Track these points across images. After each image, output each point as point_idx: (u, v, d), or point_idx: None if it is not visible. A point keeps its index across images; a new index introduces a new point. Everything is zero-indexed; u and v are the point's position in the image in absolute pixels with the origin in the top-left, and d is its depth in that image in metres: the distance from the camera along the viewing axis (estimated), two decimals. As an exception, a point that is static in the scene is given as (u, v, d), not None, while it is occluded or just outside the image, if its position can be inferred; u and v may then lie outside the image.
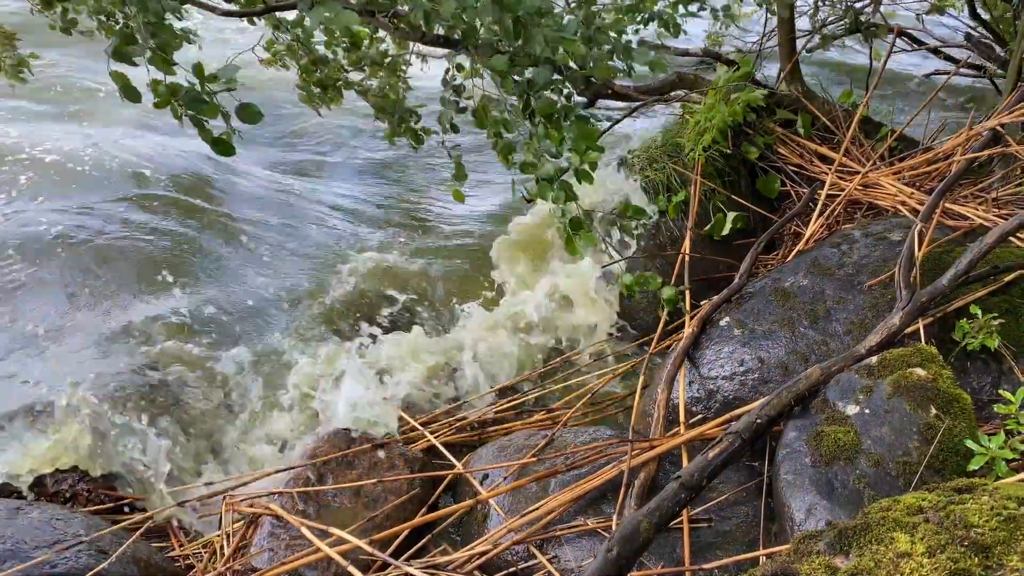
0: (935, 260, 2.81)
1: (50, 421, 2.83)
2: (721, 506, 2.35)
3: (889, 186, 3.58)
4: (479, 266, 4.07)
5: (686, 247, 3.60)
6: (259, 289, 3.76)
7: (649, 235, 3.85)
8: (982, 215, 3.15)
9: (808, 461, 2.09)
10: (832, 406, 2.20)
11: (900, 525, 1.44)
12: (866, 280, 2.84)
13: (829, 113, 4.10)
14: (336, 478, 2.68)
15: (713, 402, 2.78)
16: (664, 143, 4.01)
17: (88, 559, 2.22)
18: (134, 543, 2.38)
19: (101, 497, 2.95)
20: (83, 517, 2.47)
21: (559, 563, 2.26)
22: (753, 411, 2.20)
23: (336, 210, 4.69)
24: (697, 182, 3.75)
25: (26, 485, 2.68)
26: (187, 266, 3.79)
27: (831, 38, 4.53)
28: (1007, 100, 3.60)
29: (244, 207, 4.45)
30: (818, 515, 1.97)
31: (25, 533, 2.25)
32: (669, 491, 1.94)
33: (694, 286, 3.45)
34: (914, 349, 2.25)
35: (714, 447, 2.08)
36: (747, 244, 3.64)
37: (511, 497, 2.53)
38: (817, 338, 2.75)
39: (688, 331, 2.97)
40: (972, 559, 1.33)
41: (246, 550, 2.54)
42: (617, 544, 1.79)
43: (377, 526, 2.53)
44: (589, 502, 2.40)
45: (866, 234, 3.09)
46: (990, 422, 2.33)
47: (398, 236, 4.44)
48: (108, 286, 3.59)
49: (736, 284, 3.14)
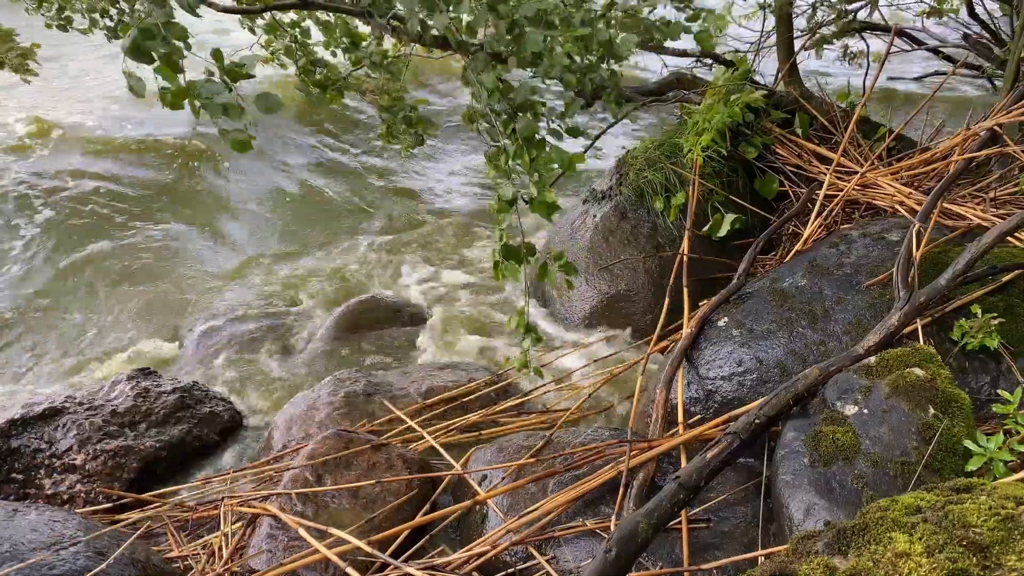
0: (933, 260, 2.81)
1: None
2: (720, 506, 2.34)
3: (887, 186, 3.58)
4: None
5: (684, 248, 3.60)
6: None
7: (647, 235, 3.85)
8: (980, 215, 3.15)
9: (807, 461, 2.09)
10: (831, 406, 2.20)
11: (898, 525, 1.44)
12: (864, 280, 2.84)
13: (827, 113, 4.11)
14: (335, 479, 2.68)
15: (712, 402, 2.77)
16: (662, 144, 4.01)
17: (86, 560, 2.21)
18: (132, 544, 2.37)
19: (99, 498, 2.95)
20: (81, 518, 2.47)
21: (558, 564, 2.26)
22: (752, 411, 2.20)
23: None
24: (695, 183, 3.75)
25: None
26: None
27: (826, 40, 4.53)
28: (1005, 100, 3.60)
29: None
30: (817, 515, 1.97)
31: (23, 534, 2.25)
32: (668, 491, 1.94)
33: (693, 286, 3.45)
34: (912, 349, 2.25)
35: (713, 447, 2.07)
36: (745, 244, 3.64)
37: (510, 498, 2.52)
38: (815, 338, 2.75)
39: (687, 331, 2.97)
40: (971, 559, 1.33)
41: (244, 551, 2.53)
42: (616, 544, 1.79)
43: (376, 527, 2.53)
44: (588, 503, 2.40)
45: (864, 234, 3.09)
46: (988, 422, 2.32)
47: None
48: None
49: (734, 284, 3.14)
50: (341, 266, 4.77)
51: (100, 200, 5.34)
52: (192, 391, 3.44)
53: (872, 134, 4.09)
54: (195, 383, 3.52)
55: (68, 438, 3.09)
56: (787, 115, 4.06)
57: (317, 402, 3.24)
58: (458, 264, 4.78)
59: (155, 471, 3.16)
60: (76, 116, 6.53)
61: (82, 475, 3.03)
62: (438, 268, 4.73)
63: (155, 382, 3.42)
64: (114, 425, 3.17)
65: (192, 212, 5.41)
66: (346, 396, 3.25)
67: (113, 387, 3.35)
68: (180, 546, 2.67)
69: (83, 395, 3.28)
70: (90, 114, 6.56)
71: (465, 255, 4.89)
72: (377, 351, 3.93)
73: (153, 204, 5.44)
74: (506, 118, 2.22)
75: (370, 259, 4.84)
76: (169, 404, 3.33)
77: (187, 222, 5.30)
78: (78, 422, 3.13)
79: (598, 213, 4.04)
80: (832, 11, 4.59)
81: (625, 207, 3.96)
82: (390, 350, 3.93)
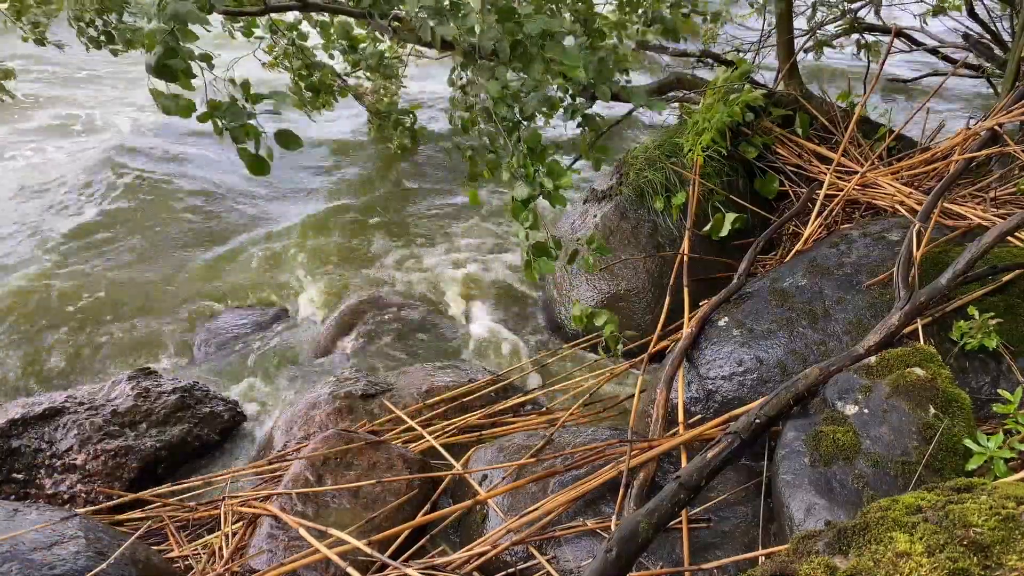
0: (933, 260, 2.81)
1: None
2: (720, 506, 2.35)
3: (887, 186, 3.58)
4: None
5: (685, 247, 3.60)
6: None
7: (648, 235, 3.85)
8: (980, 215, 3.15)
9: (807, 461, 2.09)
10: (831, 406, 2.20)
11: (899, 525, 1.44)
12: (865, 280, 2.84)
13: (827, 113, 4.11)
14: (335, 479, 2.68)
15: (712, 402, 2.77)
16: (662, 144, 4.01)
17: (87, 561, 2.21)
18: (133, 544, 2.37)
19: (100, 498, 2.95)
20: (81, 518, 2.47)
21: (558, 563, 2.26)
22: (752, 411, 2.20)
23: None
24: (696, 182, 3.75)
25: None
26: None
27: (826, 43, 4.53)
28: (1005, 100, 3.60)
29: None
30: (817, 515, 1.97)
31: (23, 534, 2.25)
32: (668, 491, 1.94)
33: (693, 286, 3.45)
34: (913, 349, 2.25)
35: (713, 447, 2.08)
36: (745, 244, 3.65)
37: (510, 498, 2.52)
38: (816, 338, 2.75)
39: (687, 331, 2.97)
40: (971, 558, 1.33)
41: (245, 551, 2.53)
42: (616, 544, 1.79)
43: (376, 527, 2.53)
44: (588, 502, 2.40)
45: (864, 234, 3.09)
46: (989, 421, 2.33)
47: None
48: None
49: (735, 284, 3.14)
50: (341, 265, 4.77)
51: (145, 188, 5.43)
52: (192, 391, 3.44)
53: (872, 134, 4.10)
54: (195, 383, 3.52)
55: (69, 438, 3.08)
56: (787, 114, 4.06)
57: (318, 402, 3.24)
58: (458, 262, 4.76)
59: (155, 471, 3.16)
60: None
61: (82, 475, 3.03)
62: (437, 267, 4.72)
63: (156, 382, 3.42)
64: (114, 425, 3.17)
65: (191, 211, 5.41)
66: (347, 396, 3.25)
67: (114, 387, 3.35)
68: (180, 546, 2.67)
69: (83, 395, 3.28)
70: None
71: (465, 252, 4.88)
72: (378, 350, 3.93)
73: (153, 204, 5.44)
74: (511, 125, 2.23)
75: (369, 258, 4.84)
76: (170, 404, 3.33)
77: (185, 221, 5.29)
78: (79, 422, 3.13)
79: (598, 213, 4.04)
80: (831, 12, 4.59)
81: (625, 207, 3.96)
82: (391, 349, 3.93)
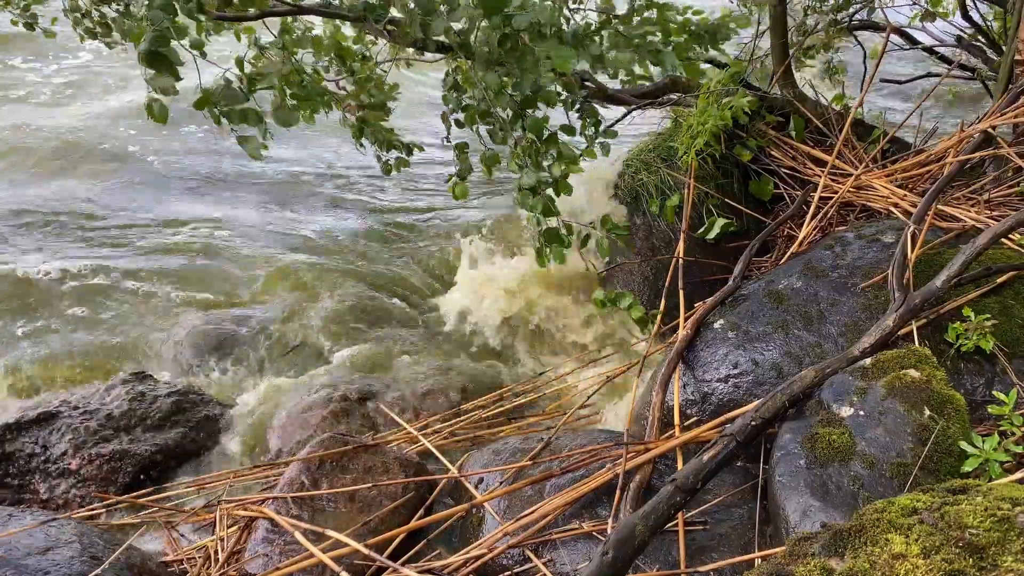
0: (928, 262, 2.82)
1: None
2: (716, 508, 2.35)
3: (882, 188, 3.59)
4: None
5: (680, 250, 3.61)
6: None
7: (643, 238, 3.86)
8: (974, 217, 3.16)
9: (803, 463, 2.09)
10: (826, 408, 2.20)
11: (895, 526, 1.44)
12: (859, 282, 2.84)
13: (822, 116, 4.12)
14: (331, 482, 2.67)
15: (708, 404, 2.78)
16: (657, 146, 4.02)
17: (81, 565, 2.20)
18: (128, 549, 2.36)
19: (95, 502, 2.94)
20: (76, 523, 2.46)
21: (555, 566, 2.26)
22: (748, 413, 2.20)
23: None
24: (690, 185, 3.76)
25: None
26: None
27: (812, 48, 4.54)
28: (998, 102, 3.61)
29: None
30: (813, 517, 1.97)
31: (17, 539, 2.24)
32: (664, 494, 1.94)
33: (688, 288, 3.45)
34: (908, 351, 2.25)
35: (709, 450, 2.08)
36: (741, 247, 3.65)
37: (506, 501, 2.52)
38: (811, 340, 2.75)
39: (682, 333, 2.97)
40: (967, 560, 1.33)
41: (241, 555, 2.53)
42: (612, 547, 1.79)
43: (372, 530, 2.53)
44: (584, 505, 2.40)
45: (859, 236, 3.10)
46: (984, 423, 2.33)
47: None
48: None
49: (730, 286, 3.14)
50: (337, 266, 4.74)
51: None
52: (188, 395, 3.43)
53: (867, 136, 4.11)
54: (191, 386, 3.52)
55: (63, 442, 3.07)
56: (782, 118, 4.07)
57: (313, 405, 3.24)
58: (457, 260, 4.73)
59: (150, 475, 3.15)
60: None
61: (77, 479, 3.02)
62: (437, 263, 4.70)
63: (150, 386, 3.41)
64: (109, 429, 3.16)
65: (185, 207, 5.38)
66: (342, 399, 3.25)
67: (108, 391, 3.34)
68: (176, 550, 2.66)
69: (78, 399, 3.27)
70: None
71: (463, 248, 4.84)
72: (374, 353, 3.92)
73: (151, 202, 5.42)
74: (513, 115, 2.23)
75: (369, 258, 4.81)
76: (165, 408, 3.32)
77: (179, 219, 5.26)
78: (73, 426, 3.12)
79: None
80: (823, 16, 4.60)
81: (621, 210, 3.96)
82: (387, 351, 3.92)
